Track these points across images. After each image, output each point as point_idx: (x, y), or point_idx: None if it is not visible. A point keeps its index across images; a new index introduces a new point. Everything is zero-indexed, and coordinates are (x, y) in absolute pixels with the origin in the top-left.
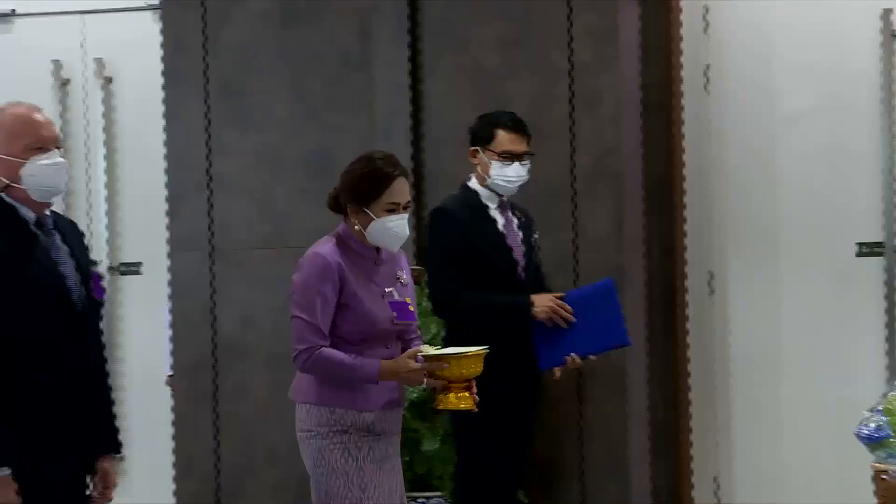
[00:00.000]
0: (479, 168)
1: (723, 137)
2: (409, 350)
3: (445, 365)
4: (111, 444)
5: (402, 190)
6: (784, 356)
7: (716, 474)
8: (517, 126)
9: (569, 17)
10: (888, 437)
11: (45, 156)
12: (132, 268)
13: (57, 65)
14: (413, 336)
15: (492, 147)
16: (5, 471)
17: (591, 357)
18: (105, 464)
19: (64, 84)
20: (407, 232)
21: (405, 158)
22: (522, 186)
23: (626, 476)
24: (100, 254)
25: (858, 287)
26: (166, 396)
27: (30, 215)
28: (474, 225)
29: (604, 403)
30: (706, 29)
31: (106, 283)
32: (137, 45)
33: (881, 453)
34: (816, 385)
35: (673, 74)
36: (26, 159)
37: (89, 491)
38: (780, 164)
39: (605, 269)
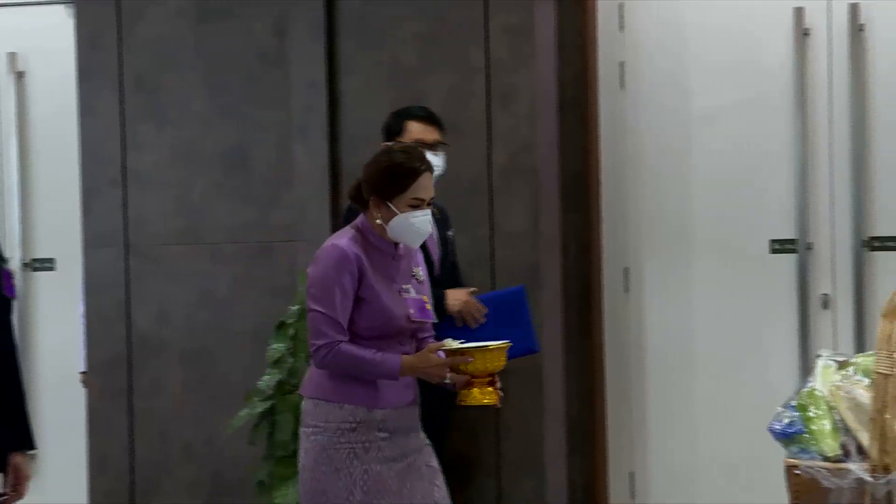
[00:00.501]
0: None
1: (638, 135)
2: (431, 345)
3: (470, 359)
4: (24, 440)
5: (427, 185)
6: (699, 353)
7: (631, 470)
8: (428, 116)
9: (485, 15)
10: (800, 432)
11: None
12: (45, 264)
13: None
14: (427, 334)
15: (403, 138)
16: None
17: None
18: (17, 460)
19: None
20: (429, 228)
21: (322, 155)
22: (439, 182)
23: (541, 472)
24: (12, 250)
25: (772, 284)
26: (80, 393)
27: None
28: None
29: (520, 400)
30: (621, 27)
31: (17, 281)
32: (51, 40)
33: (794, 448)
34: (731, 381)
35: (589, 72)
36: None
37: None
38: (695, 162)
39: (521, 266)
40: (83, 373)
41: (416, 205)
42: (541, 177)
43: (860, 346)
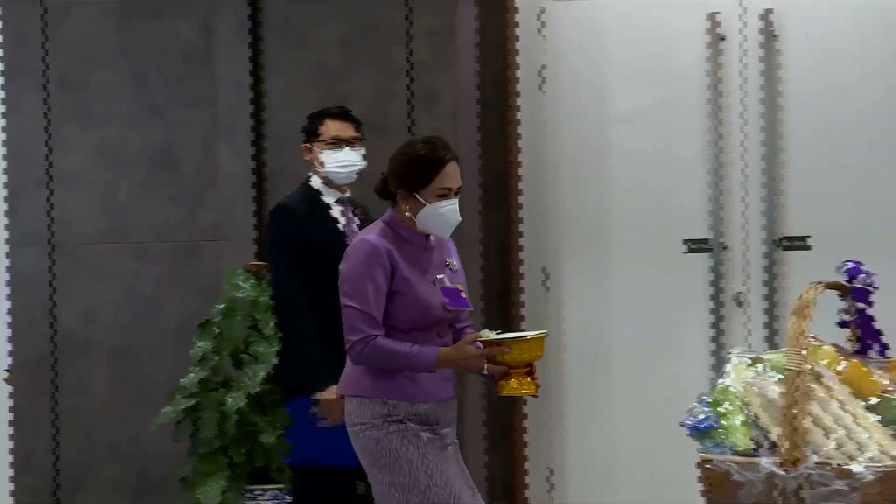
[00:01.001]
0: (314, 163)
1: (557, 136)
2: (468, 336)
3: (506, 350)
4: None
5: (454, 174)
6: (616, 350)
7: (549, 466)
8: (342, 114)
9: (408, 16)
10: (713, 427)
11: None
12: None
13: None
14: (465, 324)
15: (320, 137)
16: None
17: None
18: None
19: None
20: (459, 217)
21: (247, 155)
22: (365, 181)
23: None
24: None
25: (687, 282)
26: (5, 392)
27: None
28: (314, 220)
29: None
30: (541, 30)
31: None
32: None
33: (707, 443)
34: (647, 378)
35: (509, 74)
36: None
37: None
38: (613, 164)
39: None
40: (8, 371)
41: (444, 194)
42: (463, 177)
43: (772, 343)
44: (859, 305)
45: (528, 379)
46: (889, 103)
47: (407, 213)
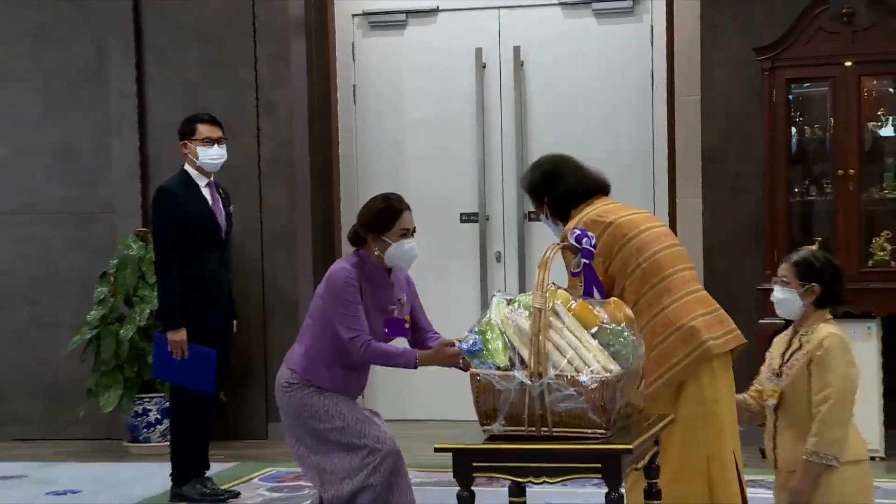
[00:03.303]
0: (189, 156)
1: (365, 139)
2: (442, 340)
3: None
4: None
5: (409, 219)
6: None
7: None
8: (211, 119)
9: (254, 45)
10: (481, 350)
11: None
12: None
13: None
14: (431, 334)
15: (195, 137)
16: None
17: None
18: None
19: None
20: (417, 253)
21: (133, 148)
22: (224, 169)
23: None
24: None
25: (461, 245)
26: None
27: None
28: (189, 199)
29: (283, 330)
30: (354, 58)
31: None
32: None
33: (476, 361)
34: (431, 315)
35: (331, 91)
36: None
37: None
38: (407, 159)
39: (283, 233)
40: None
41: (404, 233)
42: (296, 168)
43: (523, 288)
44: (585, 261)
45: None
46: (608, 126)
47: (376, 253)
